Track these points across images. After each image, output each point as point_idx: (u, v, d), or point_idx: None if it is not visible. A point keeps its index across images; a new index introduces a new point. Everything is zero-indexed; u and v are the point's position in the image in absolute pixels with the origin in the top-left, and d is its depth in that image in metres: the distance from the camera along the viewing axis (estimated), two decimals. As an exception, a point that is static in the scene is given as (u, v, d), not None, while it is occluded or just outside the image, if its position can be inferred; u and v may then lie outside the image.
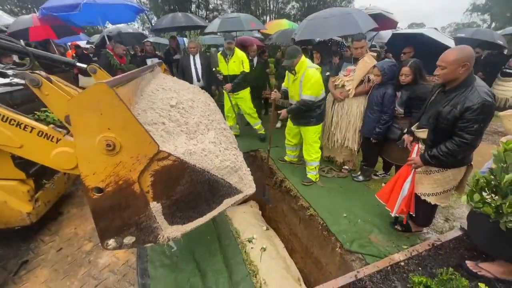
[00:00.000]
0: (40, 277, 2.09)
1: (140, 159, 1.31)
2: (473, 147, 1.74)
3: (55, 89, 1.43)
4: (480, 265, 1.74)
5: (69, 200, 3.05)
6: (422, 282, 1.57)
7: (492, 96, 1.64)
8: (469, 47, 1.69)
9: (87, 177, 1.31)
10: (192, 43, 4.42)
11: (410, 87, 2.50)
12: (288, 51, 2.77)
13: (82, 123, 1.21)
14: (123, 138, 1.25)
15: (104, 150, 1.24)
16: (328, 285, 1.69)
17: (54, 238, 2.50)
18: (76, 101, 1.17)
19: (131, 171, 1.33)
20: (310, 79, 2.72)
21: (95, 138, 1.23)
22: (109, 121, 1.21)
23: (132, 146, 1.28)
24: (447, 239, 2.06)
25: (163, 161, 1.34)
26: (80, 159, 1.28)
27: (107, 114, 1.19)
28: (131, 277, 2.08)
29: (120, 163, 1.30)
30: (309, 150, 3.09)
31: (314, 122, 2.95)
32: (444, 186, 1.96)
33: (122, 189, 1.36)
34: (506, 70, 5.56)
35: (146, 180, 1.39)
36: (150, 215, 1.46)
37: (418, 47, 3.53)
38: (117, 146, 1.26)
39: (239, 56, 4.01)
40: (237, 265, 2.14)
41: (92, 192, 1.34)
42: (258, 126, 4.44)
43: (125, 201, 1.40)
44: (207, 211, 1.53)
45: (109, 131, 1.22)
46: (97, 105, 1.17)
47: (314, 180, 3.18)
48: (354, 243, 2.31)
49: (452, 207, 2.72)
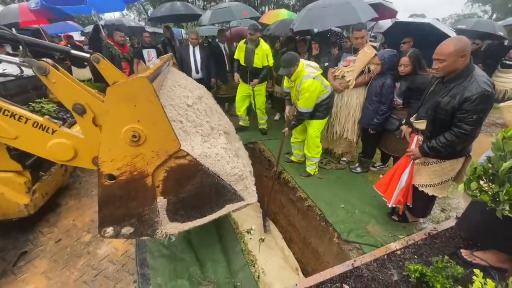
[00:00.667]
0: (39, 267, 2.11)
1: (160, 154, 1.35)
2: (472, 137, 1.73)
3: (62, 77, 1.40)
4: (474, 254, 1.77)
5: (67, 192, 3.05)
6: (417, 269, 1.59)
7: (491, 85, 1.62)
8: (463, 36, 1.67)
9: (104, 163, 1.34)
10: (193, 34, 4.31)
11: (409, 77, 2.47)
12: (285, 59, 2.60)
13: (114, 111, 1.24)
14: (150, 132, 1.29)
15: (129, 140, 1.28)
16: (325, 273, 1.71)
17: (53, 230, 2.50)
18: (114, 90, 1.19)
19: (148, 164, 1.37)
20: (305, 92, 2.60)
21: (123, 128, 1.26)
22: (141, 114, 1.24)
23: (156, 141, 1.32)
24: (443, 229, 2.08)
25: (180, 160, 1.40)
26: (103, 144, 1.31)
27: (141, 107, 1.23)
28: (130, 267, 2.10)
29: (140, 154, 1.34)
30: (310, 145, 3.03)
31: (319, 116, 2.88)
32: (442, 177, 1.96)
33: (135, 180, 1.40)
34: (506, 61, 5.51)
35: (159, 175, 1.43)
36: (154, 209, 1.50)
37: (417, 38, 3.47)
38: (142, 138, 1.29)
39: (264, 49, 3.77)
40: (235, 255, 2.16)
41: (104, 178, 1.37)
42: (263, 121, 4.41)
43: (134, 192, 1.44)
44: (208, 213, 1.58)
45: (138, 123, 1.26)
46: (134, 97, 1.21)
47: (312, 174, 3.17)
48: (352, 233, 2.33)
49: (449, 198, 2.75)
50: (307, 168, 3.17)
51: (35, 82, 2.51)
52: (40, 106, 2.29)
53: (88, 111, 1.41)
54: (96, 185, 3.32)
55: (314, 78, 2.60)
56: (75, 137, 1.55)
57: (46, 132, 1.57)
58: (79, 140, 1.55)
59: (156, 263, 2.03)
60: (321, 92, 2.75)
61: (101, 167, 1.35)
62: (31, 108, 2.21)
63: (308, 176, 3.16)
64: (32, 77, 2.49)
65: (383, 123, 2.73)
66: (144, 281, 1.86)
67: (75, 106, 1.39)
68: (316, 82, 2.63)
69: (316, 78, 2.64)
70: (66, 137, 1.56)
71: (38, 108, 2.25)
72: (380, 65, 2.61)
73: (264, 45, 3.79)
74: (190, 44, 4.33)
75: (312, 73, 2.63)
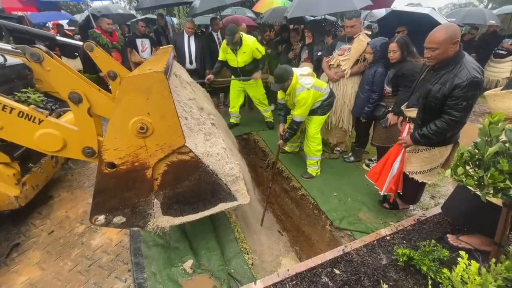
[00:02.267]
0: (32, 258, 2.11)
1: (164, 148, 1.37)
2: (462, 124, 1.76)
3: (58, 64, 1.37)
4: (460, 238, 1.83)
5: (59, 184, 3.02)
6: (405, 253, 1.64)
7: (481, 72, 1.63)
8: (453, 23, 1.66)
9: (107, 151, 1.35)
10: (189, 23, 4.16)
11: (397, 64, 2.46)
12: (277, 74, 2.50)
13: (126, 101, 1.24)
14: (158, 126, 1.30)
15: (136, 131, 1.29)
16: (316, 259, 1.75)
17: (45, 222, 2.49)
18: (129, 80, 1.20)
19: (151, 157, 1.39)
20: (300, 104, 2.54)
21: (132, 118, 1.27)
22: (152, 107, 1.26)
23: (162, 135, 1.34)
24: (431, 215, 2.14)
25: (182, 155, 1.42)
26: (109, 132, 1.31)
27: (153, 100, 1.24)
28: (124, 256, 2.11)
29: (145, 146, 1.35)
30: (309, 143, 2.88)
31: (321, 112, 2.78)
32: (431, 164, 2.00)
33: (135, 170, 1.41)
34: (499, 51, 5.53)
35: (160, 168, 1.45)
36: (149, 201, 1.53)
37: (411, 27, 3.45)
38: (149, 131, 1.31)
39: (250, 44, 3.43)
40: (229, 243, 2.19)
41: (105, 166, 1.38)
42: (268, 113, 4.15)
43: (132, 182, 1.46)
44: (201, 210, 1.62)
45: (148, 115, 1.27)
46: (147, 90, 1.22)
47: (314, 175, 2.97)
48: (344, 221, 2.38)
49: (438, 185, 2.81)
50: (308, 169, 2.99)
51: (19, 71, 2.42)
52: (26, 96, 2.22)
53: (84, 101, 1.39)
54: (88, 177, 3.30)
55: (308, 89, 2.51)
56: (64, 127, 1.52)
57: (33, 122, 1.53)
58: (68, 130, 1.52)
59: (151, 252, 2.04)
60: (318, 98, 2.66)
61: (103, 154, 1.35)
62: (17, 98, 2.15)
63: (310, 178, 2.97)
64: (16, 65, 2.40)
65: (373, 111, 2.75)
66: (138, 269, 1.88)
67: (71, 94, 1.37)
68: (311, 93, 2.53)
69: (312, 88, 2.53)
70: (54, 127, 1.52)
71: (24, 98, 2.19)
72: (372, 54, 2.59)
73: (249, 40, 3.47)
74: (185, 33, 4.21)
75: (307, 84, 2.52)
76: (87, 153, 1.54)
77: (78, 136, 1.50)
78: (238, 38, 3.36)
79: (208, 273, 1.85)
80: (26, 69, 2.63)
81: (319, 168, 3.01)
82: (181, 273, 1.84)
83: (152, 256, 2.00)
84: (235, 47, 3.46)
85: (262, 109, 4.12)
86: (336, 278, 1.64)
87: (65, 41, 2.21)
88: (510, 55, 5.42)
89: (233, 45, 3.44)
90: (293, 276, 1.65)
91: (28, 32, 2.11)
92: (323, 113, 2.79)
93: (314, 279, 1.63)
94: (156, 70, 1.20)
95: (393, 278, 1.63)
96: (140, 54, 4.72)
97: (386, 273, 1.66)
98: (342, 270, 1.69)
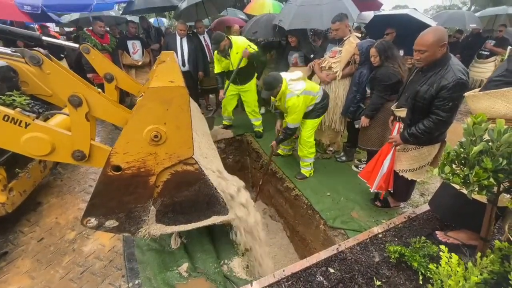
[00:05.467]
0: (21, 267, 2.04)
1: (172, 157, 1.41)
2: (448, 123, 1.83)
3: (57, 67, 1.35)
4: (448, 234, 1.90)
5: (48, 190, 2.94)
6: (397, 250, 1.69)
7: (466, 74, 1.71)
8: (441, 26, 1.73)
9: (116, 154, 1.36)
10: (182, 25, 4.14)
11: (376, 68, 2.54)
12: (267, 82, 2.52)
13: (146, 109, 1.28)
14: (171, 135, 1.34)
15: (149, 139, 1.31)
16: (311, 259, 1.78)
17: (34, 229, 2.42)
18: (154, 91, 1.25)
19: (158, 164, 1.41)
20: (291, 111, 2.55)
21: (148, 125, 1.29)
22: (169, 118, 1.30)
23: (173, 145, 1.37)
24: (421, 212, 2.20)
25: (187, 166, 1.47)
26: (123, 136, 1.33)
27: (172, 112, 1.29)
28: (118, 262, 2.08)
29: (154, 154, 1.38)
30: (302, 147, 2.89)
31: (314, 115, 2.78)
32: (420, 162, 2.06)
33: (140, 176, 1.43)
34: (483, 52, 5.74)
35: (163, 176, 1.48)
36: (146, 207, 1.54)
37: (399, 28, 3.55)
38: (162, 139, 1.34)
39: (240, 45, 3.36)
40: (224, 245, 2.18)
41: (110, 168, 1.38)
42: (258, 123, 4.00)
43: (134, 187, 1.47)
44: (194, 221, 1.66)
45: (164, 125, 1.31)
46: (169, 102, 1.26)
47: (307, 176, 3.01)
48: (337, 220, 2.42)
49: (427, 183, 2.89)
50: (301, 170, 3.02)
51: (4, 73, 2.35)
52: (11, 99, 2.15)
53: (83, 104, 1.39)
54: (79, 181, 3.23)
55: (298, 96, 2.52)
56: (52, 130, 1.48)
57: (19, 125, 1.49)
58: (56, 133, 1.48)
59: (145, 257, 2.01)
60: (311, 102, 2.67)
61: (111, 156, 1.36)
62: (1, 101, 2.08)
63: (303, 179, 3.00)
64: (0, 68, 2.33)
65: (357, 111, 2.84)
66: (132, 275, 1.85)
67: (71, 97, 1.36)
68: (301, 99, 2.53)
69: (302, 93, 2.54)
70: (42, 130, 1.48)
71: (9, 101, 2.12)
72: (359, 56, 2.67)
73: (239, 41, 3.39)
74: (178, 35, 4.18)
75: (296, 90, 2.53)
76: (77, 157, 1.51)
77: (69, 139, 1.48)
78: (226, 45, 3.30)
79: (204, 276, 1.85)
80: (11, 72, 2.55)
81: (312, 169, 3.04)
82: (177, 277, 1.82)
83: (146, 261, 1.97)
84: (226, 53, 3.40)
85: (253, 117, 3.96)
86: (330, 277, 1.66)
87: (51, 41, 2.14)
88: (493, 56, 5.63)
89: (223, 52, 3.38)
90: (288, 276, 1.67)
91: (12, 32, 2.04)
92: (317, 116, 2.80)
93: (309, 279, 1.66)
94: (180, 84, 1.26)
95: (385, 274, 1.67)
96: (131, 56, 4.65)
97: (379, 270, 1.70)
98: (337, 269, 1.72)
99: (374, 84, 2.55)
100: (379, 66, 2.49)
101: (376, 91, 2.53)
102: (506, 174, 1.06)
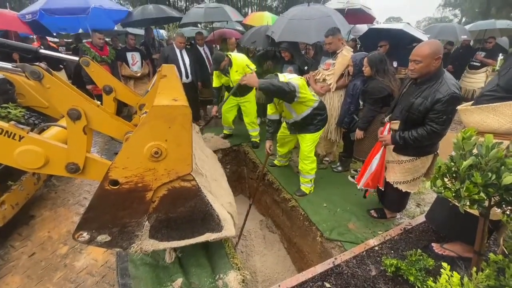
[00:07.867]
0: (11, 284, 1.98)
1: (170, 173, 1.42)
2: (441, 136, 1.87)
3: (57, 81, 1.38)
4: (444, 246, 1.89)
5: (42, 203, 2.89)
6: (393, 264, 1.68)
7: (459, 88, 1.76)
8: (437, 40, 1.80)
9: (115, 168, 1.36)
10: (181, 37, 4.21)
11: (367, 80, 2.59)
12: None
13: (149, 126, 1.30)
14: (172, 152, 1.36)
15: (149, 155, 1.33)
16: (307, 273, 1.75)
17: (26, 243, 2.36)
18: (158, 109, 1.28)
19: (156, 180, 1.42)
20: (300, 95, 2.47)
21: (149, 142, 1.31)
22: (171, 135, 1.32)
23: (173, 161, 1.39)
24: (417, 223, 2.20)
25: (185, 182, 1.48)
26: (124, 151, 1.35)
27: (174, 130, 1.31)
28: (110, 278, 2.03)
29: (153, 170, 1.39)
30: (302, 163, 2.80)
31: (312, 129, 2.67)
32: (413, 174, 2.08)
33: (137, 191, 1.43)
34: (474, 63, 5.90)
35: (160, 192, 1.48)
36: (140, 223, 1.53)
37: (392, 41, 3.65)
38: (162, 156, 1.35)
39: (240, 63, 3.42)
40: (220, 259, 2.15)
41: (108, 182, 1.38)
42: (256, 134, 4.00)
43: (130, 202, 1.46)
44: (187, 238, 1.65)
45: (166, 142, 1.33)
46: (172, 120, 1.29)
47: (307, 193, 2.89)
48: (334, 232, 2.40)
49: (422, 193, 2.90)
50: (301, 187, 2.91)
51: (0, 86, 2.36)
52: (6, 112, 2.16)
53: (82, 118, 1.41)
54: (73, 194, 3.19)
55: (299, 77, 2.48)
56: (46, 143, 1.48)
57: (13, 138, 1.49)
58: (51, 145, 1.48)
59: (139, 272, 1.97)
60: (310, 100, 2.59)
61: (110, 171, 1.37)
62: (-4, 114, 2.09)
63: (303, 195, 2.89)
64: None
65: (351, 122, 2.90)
66: (125, 291, 1.81)
67: (70, 111, 1.38)
68: (300, 80, 2.46)
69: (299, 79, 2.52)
70: (36, 143, 1.48)
71: (5, 114, 2.12)
72: (353, 67, 2.73)
73: (238, 59, 3.45)
74: (176, 47, 4.24)
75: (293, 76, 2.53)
76: (71, 169, 1.51)
77: (64, 152, 1.47)
78: (226, 64, 3.36)
79: (198, 291, 1.81)
80: (7, 84, 2.56)
81: (312, 186, 2.92)
82: (171, 293, 1.78)
83: (140, 276, 1.93)
84: (226, 71, 3.45)
85: (251, 128, 3.97)
86: (327, 292, 1.64)
87: (49, 54, 2.16)
88: (483, 67, 5.79)
89: (223, 71, 3.44)
90: (284, 292, 1.64)
91: (9, 46, 2.06)
92: (316, 130, 2.68)
93: (306, 294, 1.63)
94: (184, 104, 1.29)
95: (382, 289, 1.65)
96: (130, 68, 4.71)
97: (375, 284, 1.68)
98: (333, 284, 1.70)
99: (365, 97, 2.61)
100: (370, 79, 2.54)
101: (367, 104, 2.58)
102: (495, 189, 1.07)
